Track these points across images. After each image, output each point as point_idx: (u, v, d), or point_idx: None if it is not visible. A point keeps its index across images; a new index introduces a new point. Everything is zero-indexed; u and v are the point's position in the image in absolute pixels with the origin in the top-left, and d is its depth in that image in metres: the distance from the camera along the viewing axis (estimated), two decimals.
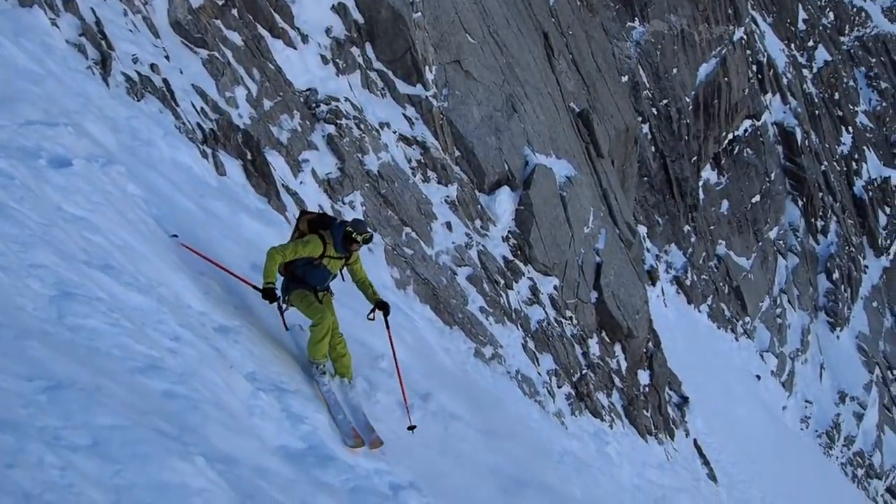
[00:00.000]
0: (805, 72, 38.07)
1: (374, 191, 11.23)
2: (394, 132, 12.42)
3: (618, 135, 20.07)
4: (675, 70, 28.61)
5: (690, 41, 29.49)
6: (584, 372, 13.97)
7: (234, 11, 10.37)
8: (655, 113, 27.84)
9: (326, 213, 5.83)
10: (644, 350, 17.42)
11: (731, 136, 31.59)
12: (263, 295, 5.37)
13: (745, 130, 32.30)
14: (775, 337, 30.74)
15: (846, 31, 43.00)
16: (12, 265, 3.73)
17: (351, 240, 5.52)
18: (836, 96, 39.23)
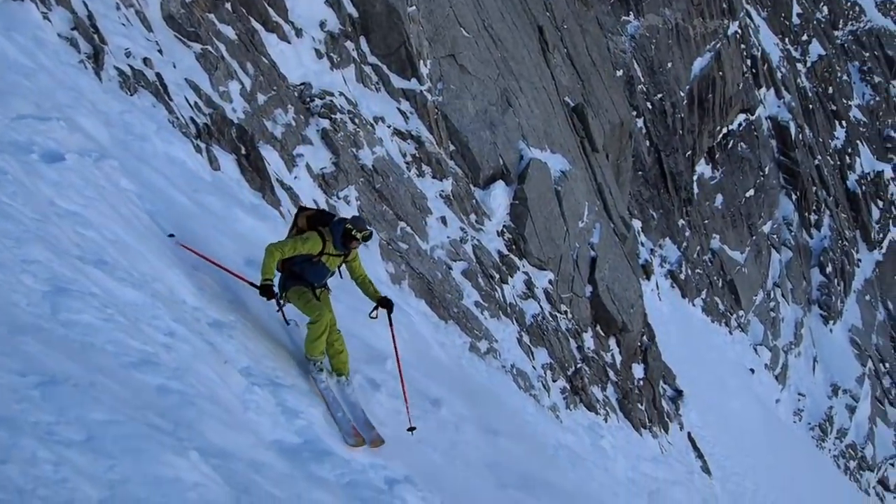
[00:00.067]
0: (799, 66, 38.14)
1: (368, 185, 11.21)
2: (388, 126, 12.39)
3: (612, 129, 20.07)
4: (669, 64, 28.62)
5: (685, 35, 29.48)
6: (578, 366, 14.01)
7: (228, 5, 10.31)
8: (650, 107, 27.85)
9: (325, 210, 5.80)
10: (638, 344, 17.47)
11: (725, 130, 31.64)
12: (261, 291, 5.35)
13: (740, 125, 32.36)
14: (769, 330, 30.89)
15: (840, 26, 43.06)
16: (5, 261, 3.72)
17: (350, 237, 5.50)
18: (830, 90, 39.31)
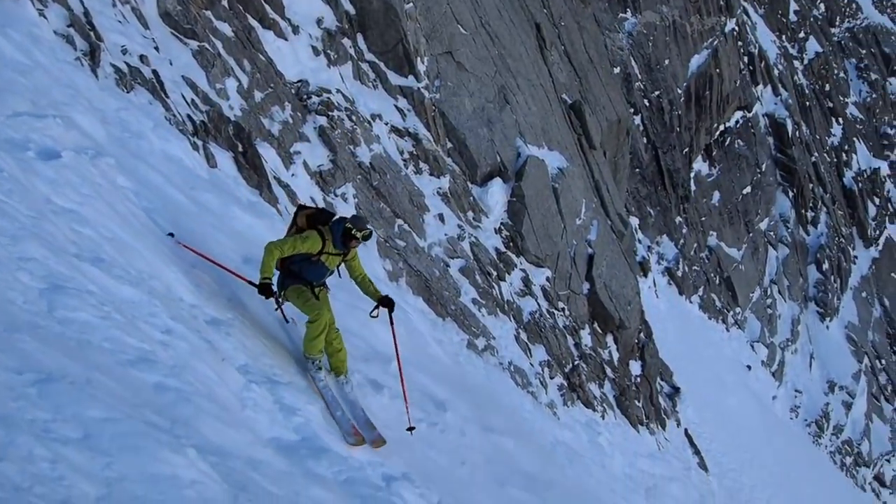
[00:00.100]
0: (796, 63, 38.16)
1: (366, 183, 11.20)
2: (386, 124, 12.38)
3: (610, 126, 20.07)
4: (666, 61, 28.62)
5: (682, 32, 29.48)
6: (576, 363, 14.03)
7: (224, 2, 10.28)
8: (647, 104, 27.86)
9: (325, 209, 5.78)
10: (636, 341, 17.50)
11: (722, 127, 31.67)
12: (260, 290, 5.33)
13: (737, 122, 32.39)
14: (766, 327, 30.96)
15: (837, 23, 43.09)
16: (1, 258, 3.71)
17: (350, 236, 5.49)
18: (827, 88, 39.35)
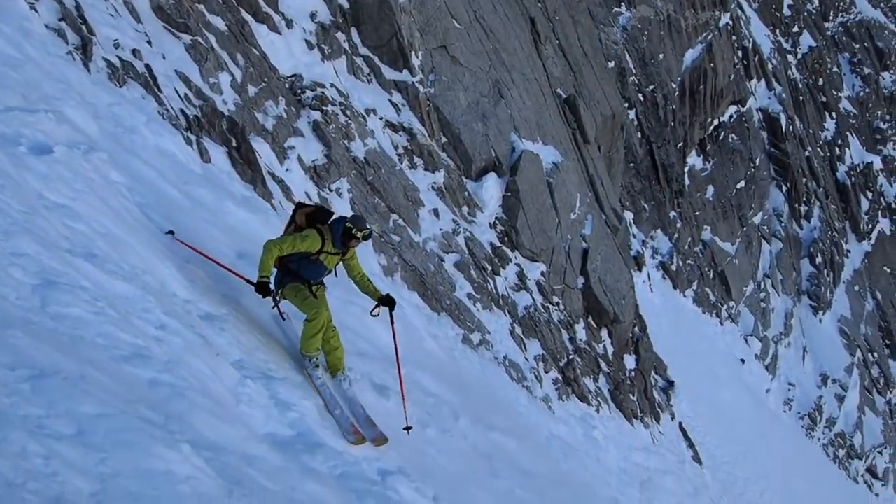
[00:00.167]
0: (790, 58, 38.21)
1: (360, 178, 11.18)
2: (380, 118, 12.35)
3: (604, 121, 20.08)
4: (661, 56, 28.61)
5: (677, 27, 29.48)
6: (570, 357, 14.07)
7: None
8: (642, 99, 27.86)
9: (324, 207, 5.75)
10: (630, 335, 17.56)
11: (716, 121, 31.70)
12: (257, 289, 5.32)
13: (731, 116, 32.43)
14: (759, 321, 31.08)
15: (831, 17, 43.15)
16: None
17: (351, 236, 5.47)
18: (821, 82, 39.42)
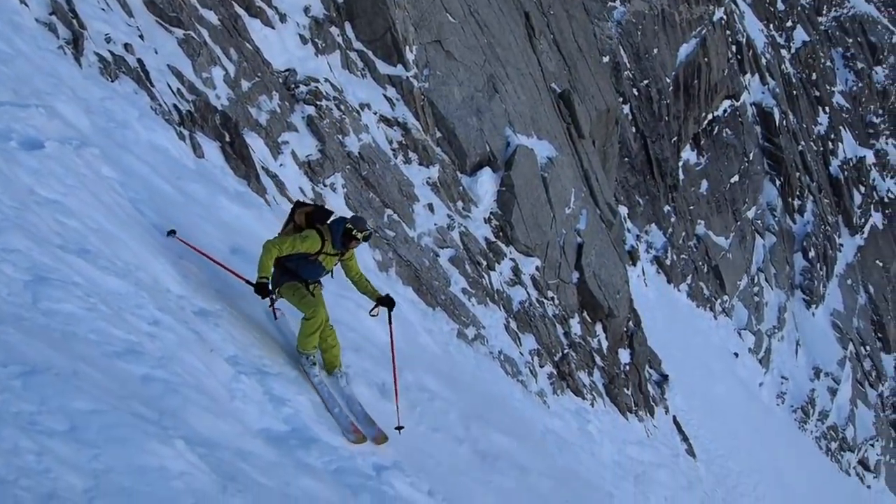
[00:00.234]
0: (783, 52, 38.28)
1: (355, 172, 11.15)
2: (374, 113, 12.31)
3: (599, 115, 20.08)
4: (655, 50, 28.61)
5: (671, 21, 29.47)
6: (565, 351, 14.10)
7: None
8: (636, 93, 27.87)
9: (323, 207, 5.73)
10: (625, 329, 17.60)
11: (710, 116, 31.76)
12: (256, 289, 5.30)
13: (725, 111, 32.49)
14: (753, 315, 31.22)
15: (824, 12, 43.24)
16: None
17: (351, 237, 5.45)
18: (814, 77, 39.53)
